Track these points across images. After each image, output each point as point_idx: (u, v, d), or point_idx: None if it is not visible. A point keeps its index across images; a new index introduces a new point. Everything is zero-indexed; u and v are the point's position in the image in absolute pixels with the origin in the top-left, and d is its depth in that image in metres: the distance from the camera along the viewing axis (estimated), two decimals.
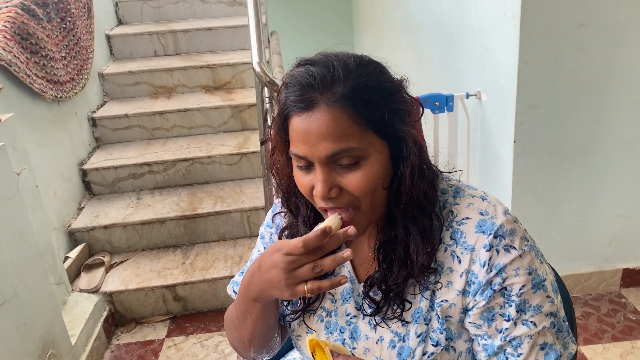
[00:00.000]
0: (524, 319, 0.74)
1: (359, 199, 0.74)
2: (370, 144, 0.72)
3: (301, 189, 0.77)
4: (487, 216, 0.76)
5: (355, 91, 0.70)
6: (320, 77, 0.71)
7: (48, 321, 1.76)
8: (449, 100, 2.10)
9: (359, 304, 0.84)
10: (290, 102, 0.72)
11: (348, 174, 0.72)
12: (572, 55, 1.78)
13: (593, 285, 2.18)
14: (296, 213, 0.87)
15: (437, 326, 0.78)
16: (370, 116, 0.71)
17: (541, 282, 0.75)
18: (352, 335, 0.85)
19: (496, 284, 0.74)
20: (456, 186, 0.81)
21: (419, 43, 2.93)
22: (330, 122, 0.69)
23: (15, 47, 2.18)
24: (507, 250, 0.74)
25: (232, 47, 3.46)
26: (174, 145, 2.91)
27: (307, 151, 0.72)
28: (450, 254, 0.77)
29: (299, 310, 0.88)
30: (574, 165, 1.96)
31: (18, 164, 1.84)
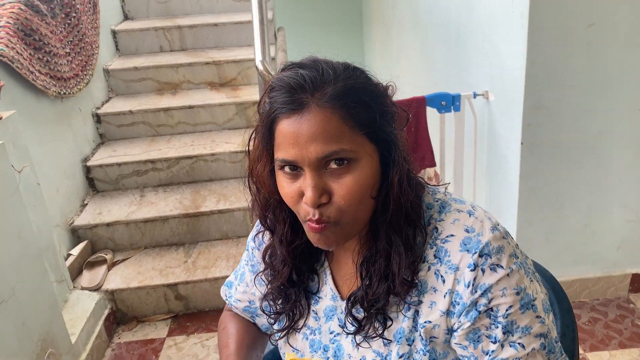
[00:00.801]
0: (511, 340, 0.71)
1: (342, 213, 0.71)
2: (361, 147, 0.70)
3: (287, 198, 0.74)
4: (472, 233, 0.72)
5: (346, 92, 0.69)
6: (310, 78, 0.69)
7: (47, 320, 1.76)
8: (455, 100, 2.06)
9: (342, 321, 0.81)
10: (279, 104, 0.70)
11: (338, 178, 0.70)
12: (581, 55, 1.74)
13: (601, 291, 2.14)
14: (274, 231, 0.84)
15: (421, 347, 0.75)
16: (361, 117, 0.70)
17: (530, 301, 0.71)
18: (335, 354, 0.82)
19: (481, 305, 0.71)
20: (442, 200, 0.78)
21: (427, 41, 2.89)
22: (321, 123, 0.68)
23: (19, 43, 2.17)
24: (494, 269, 0.70)
25: (238, 43, 3.43)
26: (178, 142, 2.90)
27: (296, 154, 0.69)
28: (434, 273, 0.74)
29: (284, 328, 0.86)
30: (582, 167, 1.91)
31: (19, 162, 1.84)
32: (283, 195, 0.74)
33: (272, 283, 0.86)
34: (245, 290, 0.96)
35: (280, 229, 0.82)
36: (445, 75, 2.62)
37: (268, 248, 0.86)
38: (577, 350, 0.93)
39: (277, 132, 0.71)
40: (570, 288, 2.10)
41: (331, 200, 0.71)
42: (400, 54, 3.57)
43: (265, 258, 0.86)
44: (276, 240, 0.83)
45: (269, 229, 0.84)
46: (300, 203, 0.73)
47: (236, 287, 0.99)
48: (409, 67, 3.37)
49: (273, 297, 0.86)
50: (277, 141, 0.71)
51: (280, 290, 0.85)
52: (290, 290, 0.84)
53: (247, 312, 0.98)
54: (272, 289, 0.86)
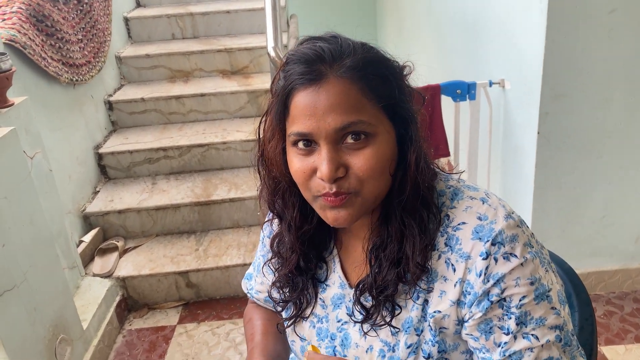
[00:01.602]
0: (524, 332, 0.68)
1: (362, 183, 0.68)
2: (379, 122, 0.68)
3: (298, 174, 0.71)
4: (485, 221, 0.70)
5: (366, 63, 0.68)
6: (329, 49, 0.68)
7: (59, 306, 1.76)
8: (471, 88, 2.03)
9: (350, 310, 0.80)
10: (296, 76, 0.67)
11: (355, 152, 0.67)
12: (602, 42, 1.69)
13: (617, 283, 2.10)
14: (282, 217, 0.82)
15: (429, 337, 0.73)
16: (380, 91, 0.68)
17: (545, 292, 0.69)
18: (342, 343, 0.81)
19: (494, 295, 0.68)
20: (455, 187, 0.75)
21: (442, 28, 2.84)
22: (340, 94, 0.66)
23: (31, 29, 2.17)
24: (507, 258, 0.68)
25: (250, 31, 3.41)
26: (189, 130, 2.89)
27: (312, 127, 0.66)
28: (445, 262, 0.72)
29: (291, 317, 0.84)
30: (600, 158, 1.87)
31: (32, 148, 1.83)
32: (294, 171, 0.71)
33: (280, 271, 0.84)
34: (263, 282, 0.96)
35: (289, 214, 0.80)
36: (461, 64, 2.57)
37: (276, 236, 0.85)
38: (596, 343, 0.91)
39: (292, 105, 0.68)
40: (586, 280, 2.06)
41: (348, 173, 0.68)
42: (414, 42, 3.52)
43: (273, 246, 0.85)
44: (284, 227, 0.81)
45: (278, 214, 0.82)
46: (312, 180, 0.70)
47: (255, 279, 0.99)
48: (423, 55, 3.32)
49: (280, 284, 0.85)
50: (292, 115, 0.69)
51: (287, 278, 0.83)
52: (297, 278, 0.83)
53: (269, 302, 0.96)
54: (279, 277, 0.84)
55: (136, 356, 2.05)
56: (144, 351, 2.08)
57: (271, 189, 0.80)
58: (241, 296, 2.35)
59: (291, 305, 0.85)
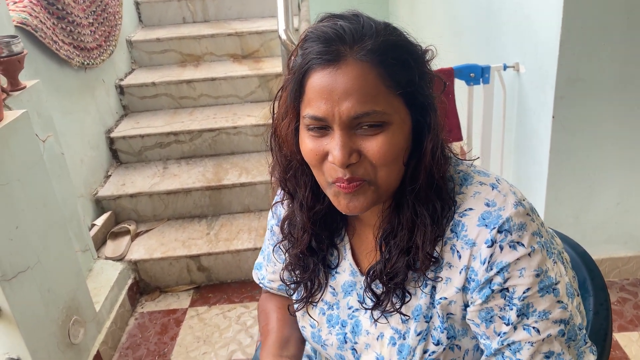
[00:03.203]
0: (525, 323, 0.67)
1: (376, 169, 0.67)
2: (395, 111, 0.66)
3: (310, 157, 0.69)
4: (493, 207, 0.68)
5: (387, 47, 0.65)
6: (350, 29, 0.65)
7: (72, 288, 1.78)
8: (485, 72, 2.00)
9: (361, 297, 0.79)
10: (314, 55, 0.65)
11: (369, 139, 0.66)
12: (620, 24, 1.65)
13: (631, 270, 2.08)
14: (294, 195, 0.80)
15: (438, 324, 0.72)
16: (400, 77, 0.65)
17: (551, 284, 0.66)
18: (353, 330, 0.81)
19: (495, 284, 0.67)
20: (465, 172, 0.74)
21: (456, 10, 2.79)
22: (358, 79, 0.63)
23: (42, 12, 2.16)
24: (513, 247, 0.66)
25: (261, 14, 3.38)
26: (200, 114, 2.88)
27: (327, 111, 0.65)
28: (450, 248, 0.70)
29: (302, 298, 0.84)
30: (617, 143, 1.84)
31: (43, 131, 1.84)
32: (306, 153, 0.70)
33: (291, 251, 0.83)
34: (274, 270, 0.95)
35: (301, 193, 0.78)
36: (475, 47, 2.53)
37: (287, 217, 0.83)
38: (611, 328, 0.90)
39: (308, 85, 0.66)
40: (599, 267, 2.05)
41: (361, 159, 0.67)
42: (427, 23, 3.47)
43: (284, 227, 0.84)
44: (296, 206, 0.80)
45: (289, 192, 0.81)
46: (324, 163, 0.69)
47: (265, 268, 0.97)
48: (436, 37, 3.27)
49: (292, 266, 0.84)
50: (307, 96, 0.67)
51: (298, 258, 0.82)
52: (308, 259, 0.82)
53: (282, 290, 0.96)
54: (291, 257, 0.84)
55: (148, 338, 2.07)
56: (155, 333, 2.10)
57: (283, 166, 0.78)
58: (252, 280, 2.32)
59: (302, 288, 0.84)
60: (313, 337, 0.85)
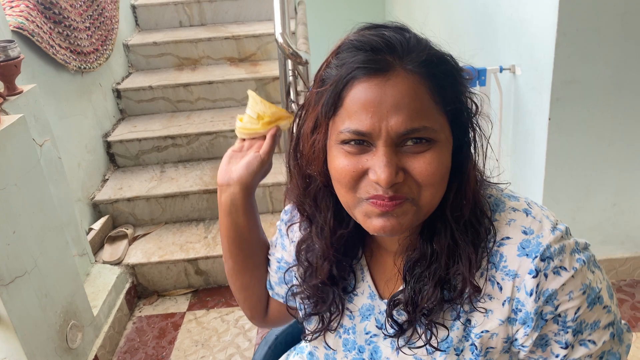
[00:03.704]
0: (581, 339, 0.67)
1: (421, 189, 0.62)
2: (442, 129, 0.62)
3: (343, 175, 0.63)
4: (531, 235, 0.65)
5: (438, 60, 0.62)
6: (398, 40, 0.61)
7: (70, 292, 1.78)
8: (481, 74, 2.00)
9: (381, 322, 0.75)
10: (358, 64, 0.60)
11: (416, 157, 0.61)
12: (616, 25, 1.66)
13: (628, 271, 2.08)
14: (312, 220, 0.74)
15: (470, 357, 0.70)
16: (448, 94, 0.62)
17: (597, 295, 0.67)
18: (372, 357, 0.76)
19: (547, 313, 0.66)
20: (495, 197, 0.70)
21: (451, 13, 2.80)
22: (409, 91, 0.59)
23: (38, 16, 2.16)
24: (557, 273, 0.64)
25: (257, 18, 3.39)
26: (197, 118, 2.89)
27: (372, 126, 0.59)
28: (489, 280, 0.67)
29: (317, 330, 0.79)
30: (612, 145, 1.85)
31: (40, 136, 1.84)
32: (339, 170, 0.63)
33: (309, 281, 0.77)
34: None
35: (321, 218, 0.73)
36: (471, 49, 2.54)
37: (303, 242, 0.77)
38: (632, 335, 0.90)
39: (349, 97, 0.61)
40: None
41: (406, 178, 0.62)
42: (424, 26, 3.47)
43: (300, 254, 0.77)
44: (315, 231, 0.74)
45: (307, 217, 0.75)
46: (360, 184, 0.63)
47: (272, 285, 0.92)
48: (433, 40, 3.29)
49: (306, 296, 0.78)
50: (347, 109, 0.61)
51: (317, 288, 0.76)
52: (328, 289, 0.75)
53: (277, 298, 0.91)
54: (307, 288, 0.77)
55: (146, 342, 2.07)
56: (153, 337, 2.09)
57: (302, 188, 0.73)
58: None
59: (313, 319, 0.79)
60: (327, 358, 0.82)
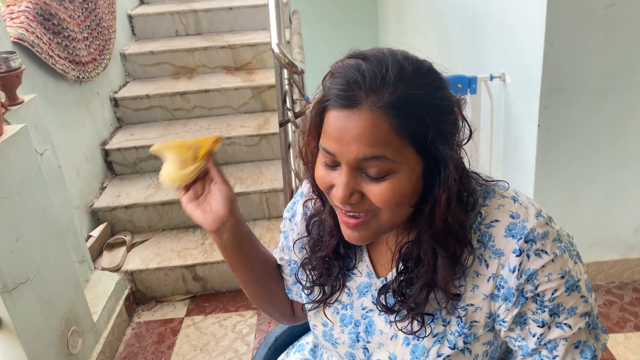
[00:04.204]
0: (557, 321, 0.72)
1: (379, 209, 0.70)
2: (405, 160, 0.67)
3: (319, 183, 0.74)
4: (517, 219, 0.72)
5: (404, 102, 0.65)
6: (369, 76, 0.66)
7: (70, 299, 1.80)
8: (472, 83, 2.05)
9: (376, 299, 0.82)
10: (332, 95, 0.67)
11: (373, 183, 0.68)
12: (601, 36, 1.71)
13: (617, 273, 2.13)
14: (325, 200, 0.82)
15: (456, 329, 0.76)
16: (413, 132, 0.66)
17: (575, 283, 0.72)
18: (366, 330, 0.83)
19: (528, 292, 0.72)
20: (486, 186, 0.77)
21: (443, 23, 2.86)
22: (370, 127, 0.65)
23: (38, 28, 2.20)
24: (538, 255, 0.71)
25: (253, 27, 3.43)
26: (194, 126, 2.92)
27: (337, 149, 0.67)
28: (477, 258, 0.74)
29: (317, 301, 0.86)
30: (599, 150, 1.90)
31: (41, 144, 1.87)
32: (317, 177, 0.74)
33: (316, 252, 0.85)
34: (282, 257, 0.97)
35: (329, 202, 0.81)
36: (462, 58, 2.60)
37: (314, 215, 0.85)
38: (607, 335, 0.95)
39: (326, 120, 0.69)
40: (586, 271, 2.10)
41: (363, 199, 0.70)
42: (415, 36, 3.54)
43: (310, 226, 0.86)
44: (327, 210, 0.82)
45: (320, 197, 0.83)
46: (330, 192, 0.73)
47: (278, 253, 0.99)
48: (424, 50, 3.33)
49: (312, 266, 0.86)
50: (324, 128, 0.70)
51: (323, 261, 0.84)
52: (334, 262, 0.84)
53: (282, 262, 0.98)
54: (314, 259, 0.85)
55: (145, 348, 2.10)
56: (152, 343, 2.12)
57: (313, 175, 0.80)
58: None
59: (316, 289, 0.87)
60: (324, 335, 0.88)
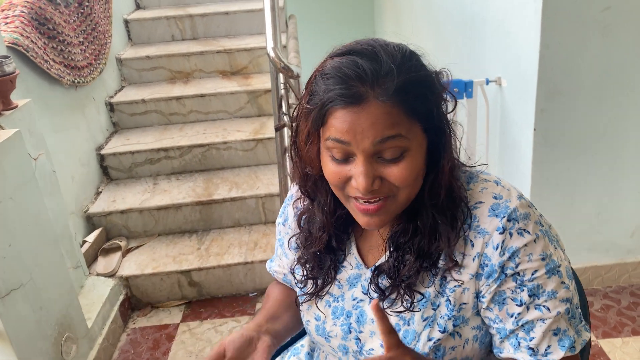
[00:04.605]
0: (537, 303, 0.73)
1: (398, 189, 0.72)
2: (415, 137, 0.70)
3: (332, 179, 0.74)
4: (500, 200, 0.75)
5: (407, 86, 0.68)
6: (370, 70, 0.68)
7: (64, 305, 1.79)
8: (468, 87, 2.05)
9: (366, 288, 0.84)
10: (335, 96, 0.68)
11: (391, 166, 0.70)
12: (596, 40, 1.72)
13: (614, 278, 2.13)
14: (313, 198, 0.85)
15: (446, 312, 0.77)
16: (420, 111, 0.70)
17: (556, 267, 0.74)
18: (358, 320, 0.84)
19: (508, 268, 0.73)
20: (469, 172, 0.81)
21: (439, 27, 2.86)
22: (382, 116, 0.67)
23: (33, 32, 2.19)
24: (521, 234, 0.73)
25: (249, 32, 3.43)
26: (190, 130, 2.92)
27: (351, 138, 0.69)
28: (463, 239, 0.76)
29: (310, 293, 0.88)
30: (596, 154, 1.90)
31: (35, 149, 1.86)
32: (328, 175, 0.74)
33: (308, 248, 0.87)
34: (279, 264, 1.00)
35: (322, 199, 0.83)
36: (458, 62, 2.60)
37: (304, 212, 0.87)
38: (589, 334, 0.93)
39: (331, 120, 0.70)
40: (583, 275, 2.10)
41: (383, 183, 0.71)
42: (411, 40, 3.54)
43: (301, 222, 0.87)
44: (317, 207, 0.84)
45: (309, 196, 0.85)
46: (347, 185, 0.73)
47: (275, 261, 1.03)
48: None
49: (305, 261, 0.87)
50: (331, 126, 0.70)
51: (315, 255, 0.86)
52: (326, 256, 0.86)
53: (287, 282, 1.01)
54: (307, 254, 0.87)
55: (140, 354, 2.08)
56: (147, 349, 2.10)
57: (303, 174, 0.82)
58: (243, 294, 2.37)
59: (309, 282, 0.88)
60: (317, 329, 0.89)
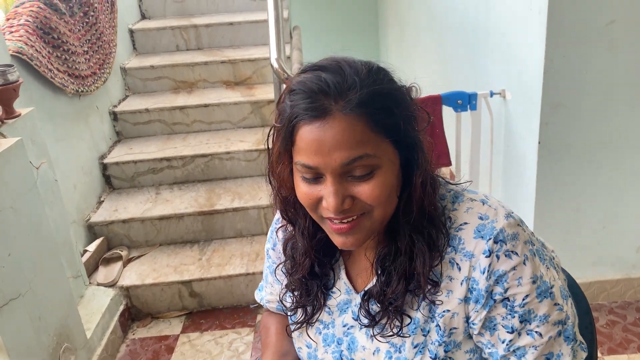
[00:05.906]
0: (528, 329, 0.71)
1: (372, 207, 0.70)
2: (384, 153, 0.69)
3: (304, 201, 0.73)
4: (486, 220, 0.72)
5: (371, 98, 0.67)
6: (333, 83, 0.67)
7: (63, 315, 1.77)
8: (472, 99, 2.04)
9: (356, 314, 0.82)
10: (300, 110, 0.67)
11: (361, 184, 0.69)
12: (601, 53, 1.71)
13: (619, 293, 2.10)
14: (294, 224, 0.83)
15: (436, 338, 0.75)
16: (386, 124, 0.68)
17: (548, 289, 0.71)
18: (349, 347, 0.83)
19: (497, 294, 0.71)
20: (455, 191, 0.78)
21: (443, 40, 2.87)
22: (346, 131, 0.65)
23: (37, 41, 2.20)
24: (508, 256, 0.70)
25: (253, 42, 3.44)
26: (193, 140, 2.91)
27: (319, 162, 0.67)
28: (449, 262, 0.74)
29: (300, 321, 0.86)
30: (601, 168, 1.88)
31: (37, 158, 1.86)
32: (300, 195, 0.73)
33: (293, 275, 0.85)
34: (272, 292, 0.98)
35: (301, 223, 0.82)
36: (462, 75, 2.60)
37: (289, 240, 0.86)
38: (596, 352, 0.92)
39: (298, 137, 0.69)
40: (588, 290, 2.07)
41: (355, 202, 0.70)
42: (416, 53, 3.55)
43: (287, 250, 0.86)
44: (298, 232, 0.83)
45: (290, 221, 0.84)
46: (319, 206, 0.72)
47: (265, 289, 1.01)
48: (424, 66, 3.35)
49: (293, 288, 0.86)
50: (298, 146, 0.69)
51: (301, 282, 0.84)
52: (311, 282, 0.84)
53: (280, 310, 0.99)
54: (293, 281, 0.86)
55: None
56: None
57: (282, 198, 0.81)
58: (244, 306, 2.35)
59: (299, 311, 0.87)
60: (309, 357, 0.87)
